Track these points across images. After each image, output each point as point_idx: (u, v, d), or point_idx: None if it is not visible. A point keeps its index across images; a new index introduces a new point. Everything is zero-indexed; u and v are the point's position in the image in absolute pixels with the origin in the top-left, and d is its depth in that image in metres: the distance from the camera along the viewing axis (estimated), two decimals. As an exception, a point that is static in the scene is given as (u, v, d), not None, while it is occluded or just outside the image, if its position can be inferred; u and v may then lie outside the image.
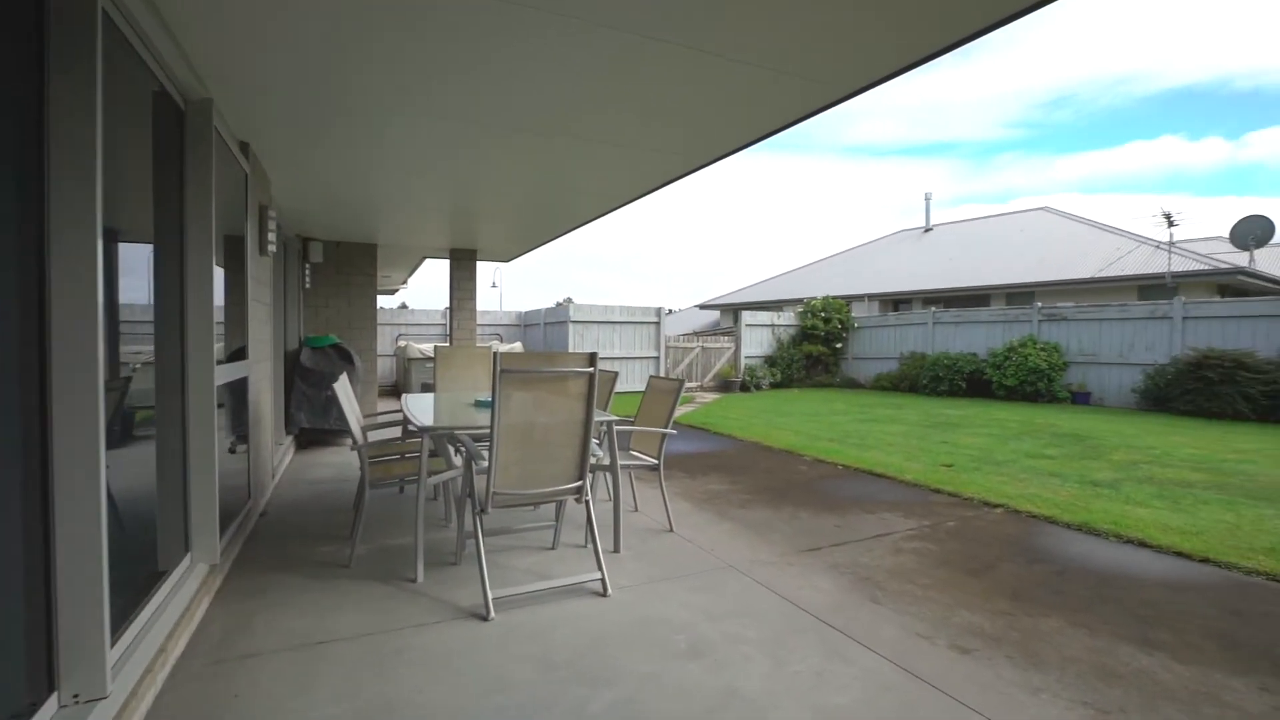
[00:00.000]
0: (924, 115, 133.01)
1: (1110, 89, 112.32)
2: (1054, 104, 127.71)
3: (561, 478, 3.21)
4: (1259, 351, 9.62)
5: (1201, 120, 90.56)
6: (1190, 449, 7.15)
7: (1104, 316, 11.76)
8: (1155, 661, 2.64)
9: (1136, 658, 2.67)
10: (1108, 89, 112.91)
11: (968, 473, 6.02)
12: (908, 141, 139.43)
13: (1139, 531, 4.27)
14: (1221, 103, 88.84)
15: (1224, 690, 2.43)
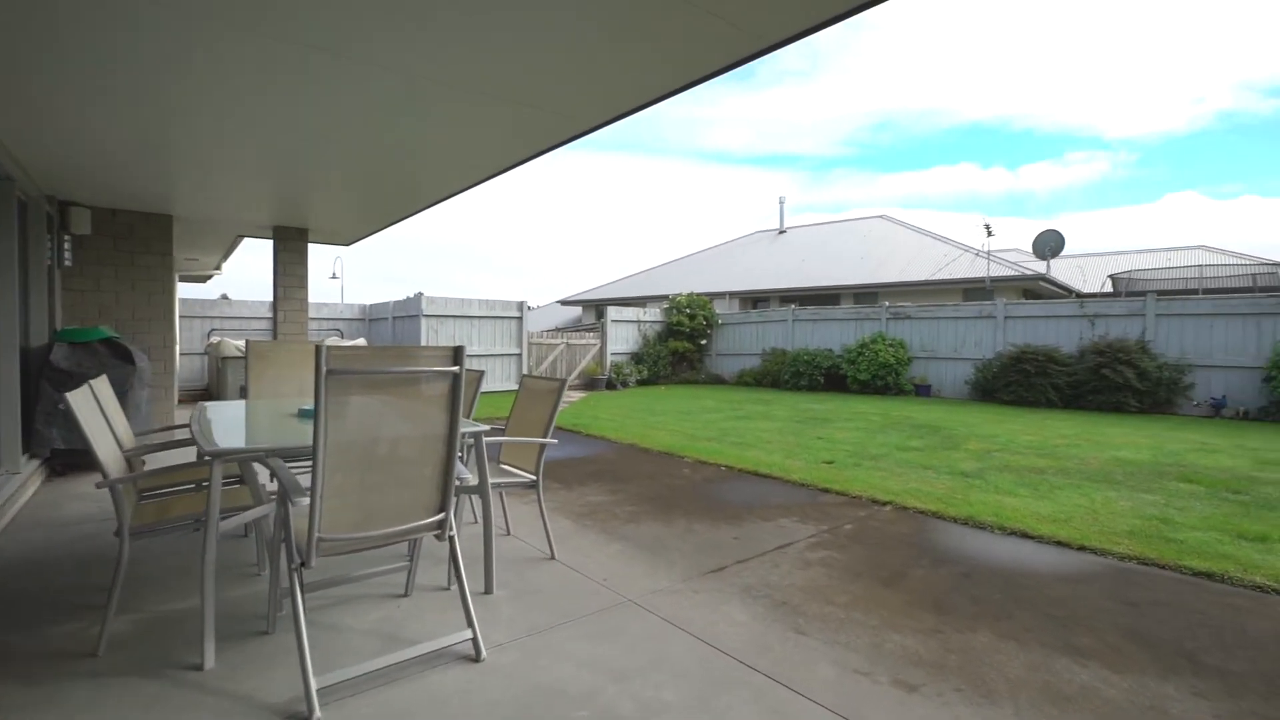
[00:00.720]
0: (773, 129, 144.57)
1: (921, 118, 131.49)
2: (878, 127, 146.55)
3: (416, 510, 2.42)
4: (1062, 347, 10.96)
5: (989, 152, 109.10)
6: (1026, 436, 7.80)
7: (940, 315, 12.87)
8: (1092, 675, 2.45)
9: (1075, 672, 2.47)
10: (920, 118, 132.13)
11: (849, 469, 5.98)
12: (759, 151, 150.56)
13: (1018, 522, 4.33)
14: (1004, 139, 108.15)
15: (1166, 701, 2.27)
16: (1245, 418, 9.47)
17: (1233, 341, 9.79)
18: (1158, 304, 10.43)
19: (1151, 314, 10.42)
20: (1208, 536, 4.02)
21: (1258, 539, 3.98)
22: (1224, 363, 9.82)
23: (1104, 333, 10.76)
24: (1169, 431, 8.20)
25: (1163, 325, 10.34)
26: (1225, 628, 2.89)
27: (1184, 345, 10.13)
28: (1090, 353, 10.46)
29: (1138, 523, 4.32)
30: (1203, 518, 4.41)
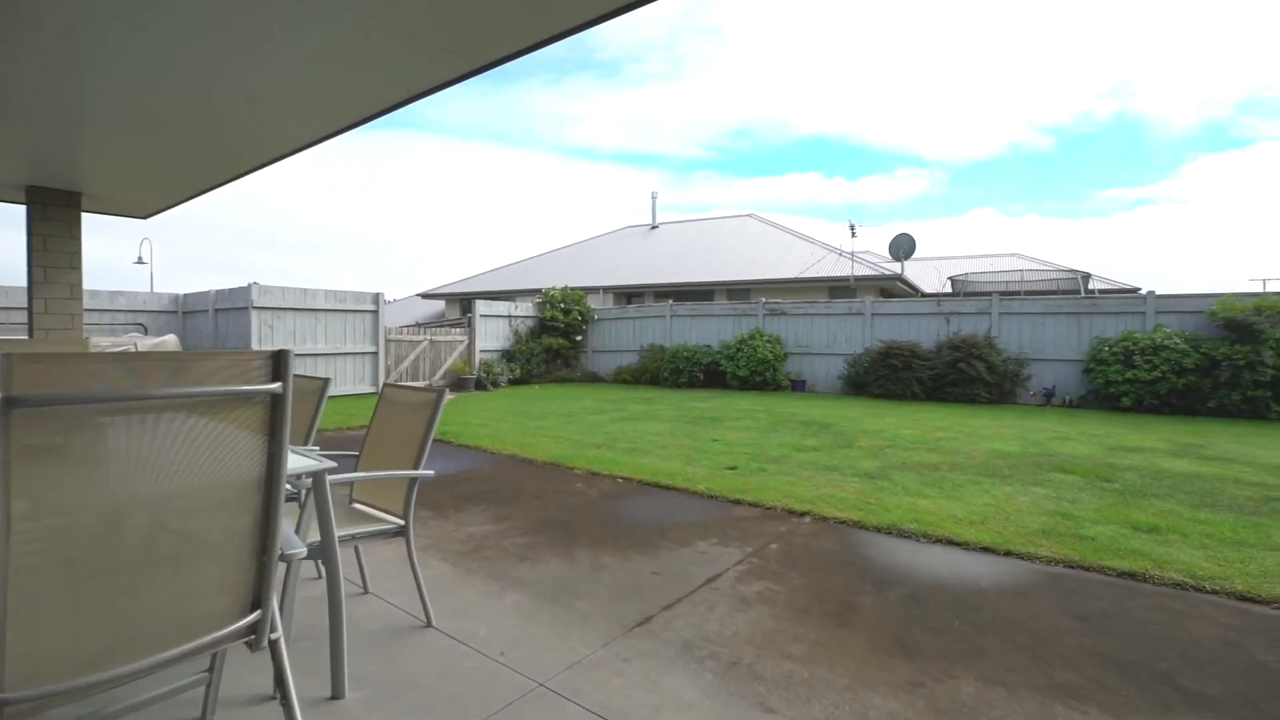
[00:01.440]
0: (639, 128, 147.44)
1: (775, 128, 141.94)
2: (737, 134, 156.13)
3: (210, 612, 1.51)
4: (922, 343, 11.65)
5: (832, 162, 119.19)
6: (907, 430, 7.99)
7: (814, 313, 13.24)
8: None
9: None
10: (774, 128, 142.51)
11: (754, 475, 5.60)
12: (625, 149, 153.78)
13: (939, 528, 4.13)
14: (844, 151, 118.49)
15: (1186, 757, 1.96)
16: (1070, 405, 10.61)
17: (1060, 338, 10.94)
18: (1000, 304, 11.42)
19: (996, 313, 11.38)
20: (1109, 531, 4.05)
21: (1151, 530, 4.07)
22: (1053, 356, 10.94)
23: (957, 330, 11.59)
24: (1021, 420, 8.85)
25: (1005, 323, 11.33)
26: (1179, 639, 2.74)
27: (1022, 341, 11.17)
28: (947, 348, 11.20)
29: (1044, 520, 4.29)
30: (1095, 510, 4.50)
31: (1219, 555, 3.65)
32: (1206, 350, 9.18)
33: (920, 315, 12.08)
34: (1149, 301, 10.21)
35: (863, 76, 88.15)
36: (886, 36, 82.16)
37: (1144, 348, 9.54)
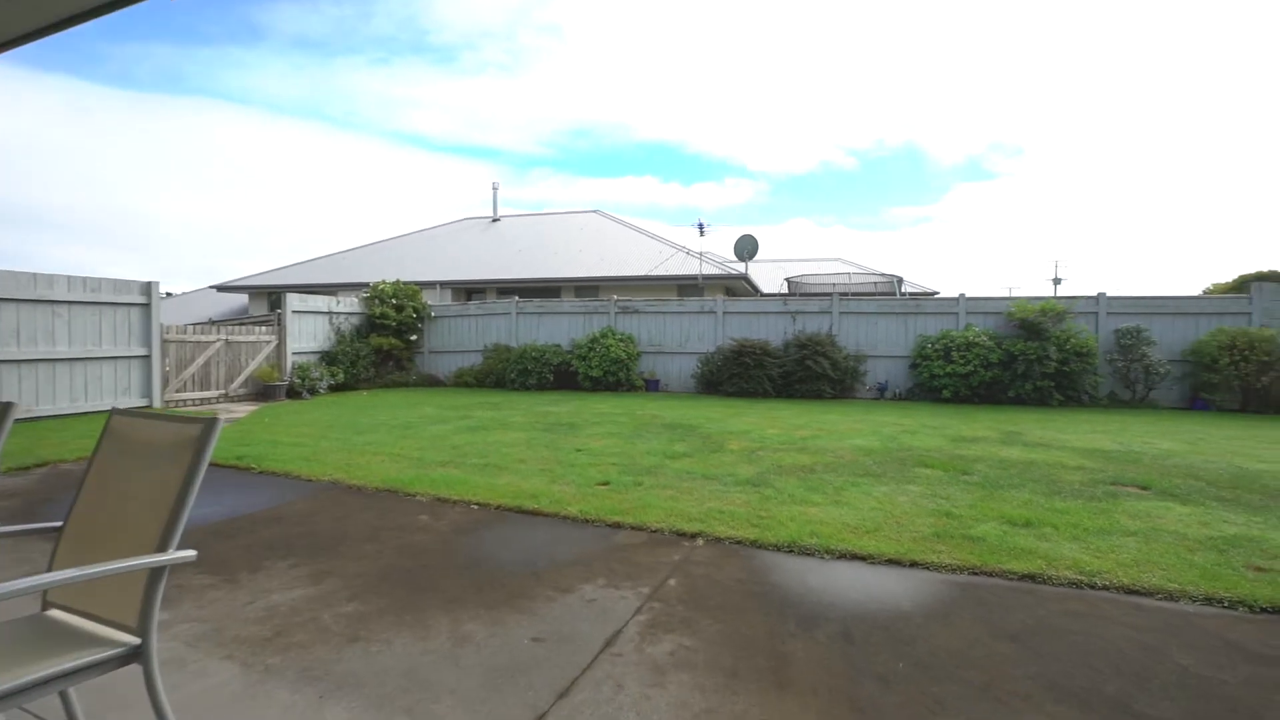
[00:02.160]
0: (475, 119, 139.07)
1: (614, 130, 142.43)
2: (577, 133, 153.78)
3: None
4: (771, 341, 11.96)
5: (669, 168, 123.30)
6: (770, 429, 7.93)
7: (667, 310, 13.07)
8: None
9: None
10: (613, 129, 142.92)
11: (629, 490, 5.00)
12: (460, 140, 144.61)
13: (838, 540, 3.83)
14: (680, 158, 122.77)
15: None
16: (899, 398, 11.50)
17: (890, 336, 11.83)
18: (840, 304, 12.09)
19: (836, 312, 12.03)
20: (992, 530, 4.03)
21: (1026, 525, 4.12)
22: (885, 353, 11.80)
23: (802, 328, 12.07)
24: (867, 415, 9.29)
25: (844, 322, 12.01)
26: (1106, 651, 2.59)
27: (859, 339, 11.91)
28: (794, 346, 11.59)
29: (931, 521, 4.19)
30: (970, 506, 4.53)
31: (1091, 546, 3.72)
32: (1007, 347, 10.39)
33: (769, 314, 12.43)
34: (961, 303, 11.39)
35: (699, 87, 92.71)
36: (721, 50, 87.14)
37: (959, 345, 10.57)
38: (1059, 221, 76.92)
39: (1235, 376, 9.67)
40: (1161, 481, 5.20)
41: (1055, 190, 77.99)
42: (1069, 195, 76.70)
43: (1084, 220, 75.13)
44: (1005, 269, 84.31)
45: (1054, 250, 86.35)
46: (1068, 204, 77.45)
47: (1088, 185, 76.11)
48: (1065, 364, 9.98)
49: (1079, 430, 7.93)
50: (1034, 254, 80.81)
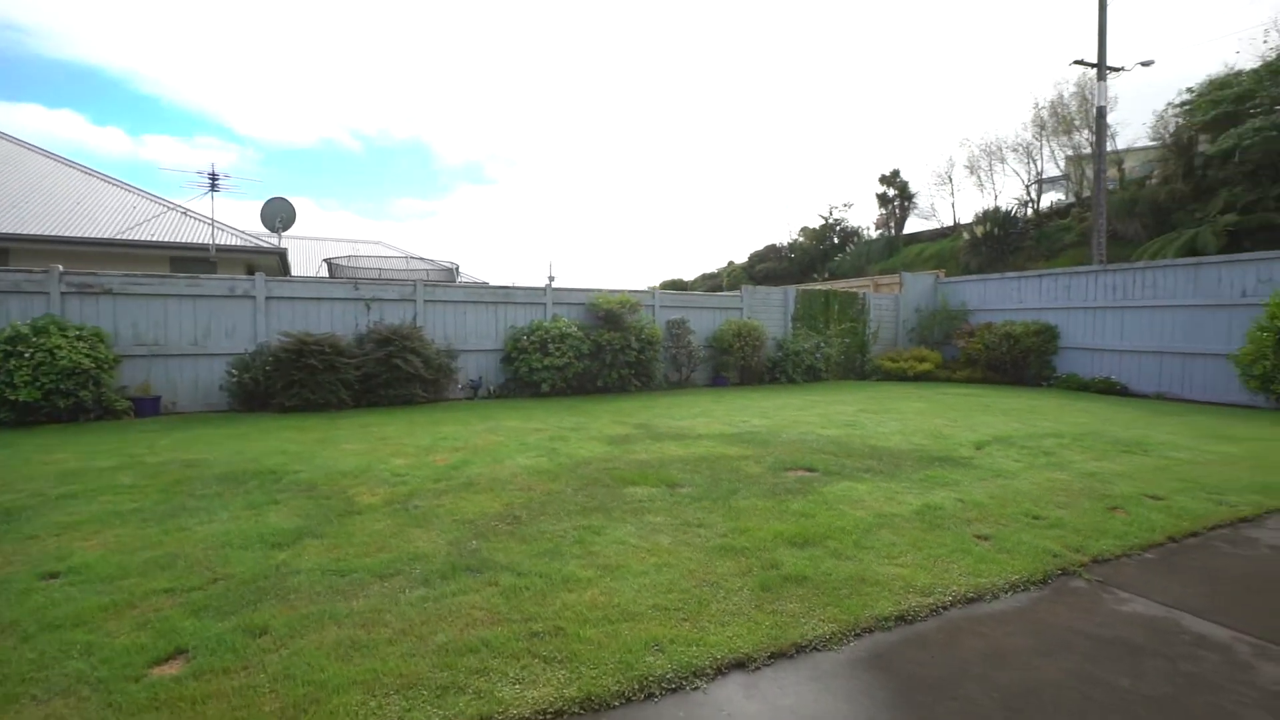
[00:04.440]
0: None
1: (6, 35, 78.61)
2: None
3: None
4: (340, 335, 9.22)
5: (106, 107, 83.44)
6: (394, 459, 5.73)
7: (169, 291, 8.56)
8: None
9: None
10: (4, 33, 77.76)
11: (228, 669, 2.46)
12: None
13: (680, 654, 2.52)
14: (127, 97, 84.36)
15: None
16: (495, 395, 10.55)
17: (481, 328, 10.69)
18: (426, 291, 10.23)
19: (421, 300, 10.12)
20: (798, 559, 3.39)
21: (803, 545, 3.66)
22: (476, 347, 10.61)
23: (380, 318, 9.72)
24: (491, 420, 7.91)
25: (431, 312, 10.22)
26: (1043, 688, 2.15)
27: (448, 331, 10.34)
28: (374, 341, 9.21)
29: (732, 575, 3.30)
30: (735, 529, 3.82)
31: (897, 559, 3.43)
32: (595, 338, 10.65)
33: (333, 301, 9.56)
34: (548, 294, 11.16)
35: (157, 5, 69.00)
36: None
37: (554, 336, 10.29)
38: (548, 226, 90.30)
39: (740, 357, 12.41)
40: (817, 461, 5.66)
41: (544, 199, 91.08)
42: (554, 204, 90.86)
43: (566, 226, 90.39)
44: (507, 266, 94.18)
45: (546, 251, 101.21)
46: (554, 212, 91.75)
47: (567, 197, 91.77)
48: (642, 352, 10.89)
49: (689, 415, 8.53)
50: (530, 253, 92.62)
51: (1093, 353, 12.25)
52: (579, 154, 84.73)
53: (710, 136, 70.36)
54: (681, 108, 72.39)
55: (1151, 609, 2.97)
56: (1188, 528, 3.99)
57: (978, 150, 36.00)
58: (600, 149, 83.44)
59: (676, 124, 73.54)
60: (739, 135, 67.53)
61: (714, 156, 70.91)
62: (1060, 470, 5.37)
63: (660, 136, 76.23)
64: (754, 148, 66.47)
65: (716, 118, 70.12)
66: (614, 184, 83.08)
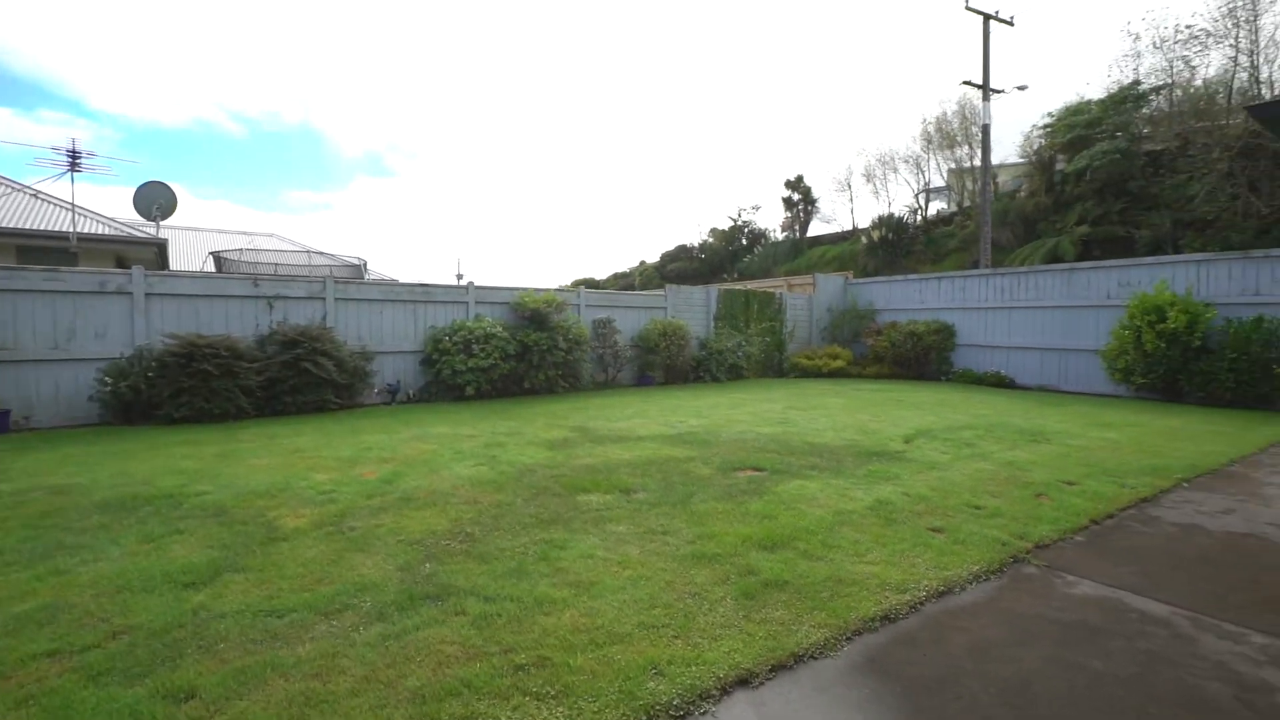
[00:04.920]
0: None
1: None
2: None
3: None
4: (238, 337, 8.29)
5: None
6: (316, 474, 5.18)
7: (18, 286, 7.29)
8: None
9: None
10: None
11: None
12: None
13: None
14: None
15: None
16: (415, 400, 9.91)
17: (399, 328, 10.00)
18: (337, 289, 9.42)
19: (332, 298, 9.30)
20: (771, 565, 3.36)
21: (771, 548, 3.64)
22: (394, 348, 9.91)
23: (283, 318, 8.85)
24: (417, 428, 7.38)
25: (343, 311, 9.42)
26: (1027, 680, 2.23)
27: (361, 332, 9.58)
28: (278, 343, 8.36)
29: (717, 587, 3.21)
30: (712, 540, 3.75)
31: (865, 557, 3.46)
32: (520, 338, 10.27)
33: (229, 299, 8.58)
34: (471, 292, 10.63)
35: None
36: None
37: (479, 337, 9.81)
38: (454, 222, 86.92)
39: (666, 356, 12.43)
40: (763, 460, 5.69)
41: (449, 194, 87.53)
42: (460, 200, 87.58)
43: (473, 222, 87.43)
44: (412, 263, 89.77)
45: (453, 248, 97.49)
46: (460, 208, 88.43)
47: (473, 193, 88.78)
48: (570, 353, 10.62)
49: (624, 416, 8.38)
50: (436, 250, 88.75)
51: (985, 349, 13.34)
52: (485, 148, 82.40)
53: (621, 136, 70.60)
54: (591, 106, 72.11)
55: (1097, 590, 3.17)
56: (1103, 510, 4.34)
57: (873, 160, 38.43)
58: (508, 144, 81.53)
59: (586, 122, 73.18)
60: (650, 136, 68.20)
61: (624, 156, 71.21)
62: (983, 460, 5.73)
63: (570, 134, 75.58)
64: (665, 149, 67.39)
65: (627, 118, 70.45)
66: (523, 180, 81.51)
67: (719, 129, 63.00)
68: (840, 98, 54.24)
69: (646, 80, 67.24)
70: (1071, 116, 21.74)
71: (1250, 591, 3.16)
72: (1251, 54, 18.33)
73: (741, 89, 60.37)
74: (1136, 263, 11.16)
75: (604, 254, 76.05)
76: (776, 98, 58.55)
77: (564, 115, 74.25)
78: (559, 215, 79.08)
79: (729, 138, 60.49)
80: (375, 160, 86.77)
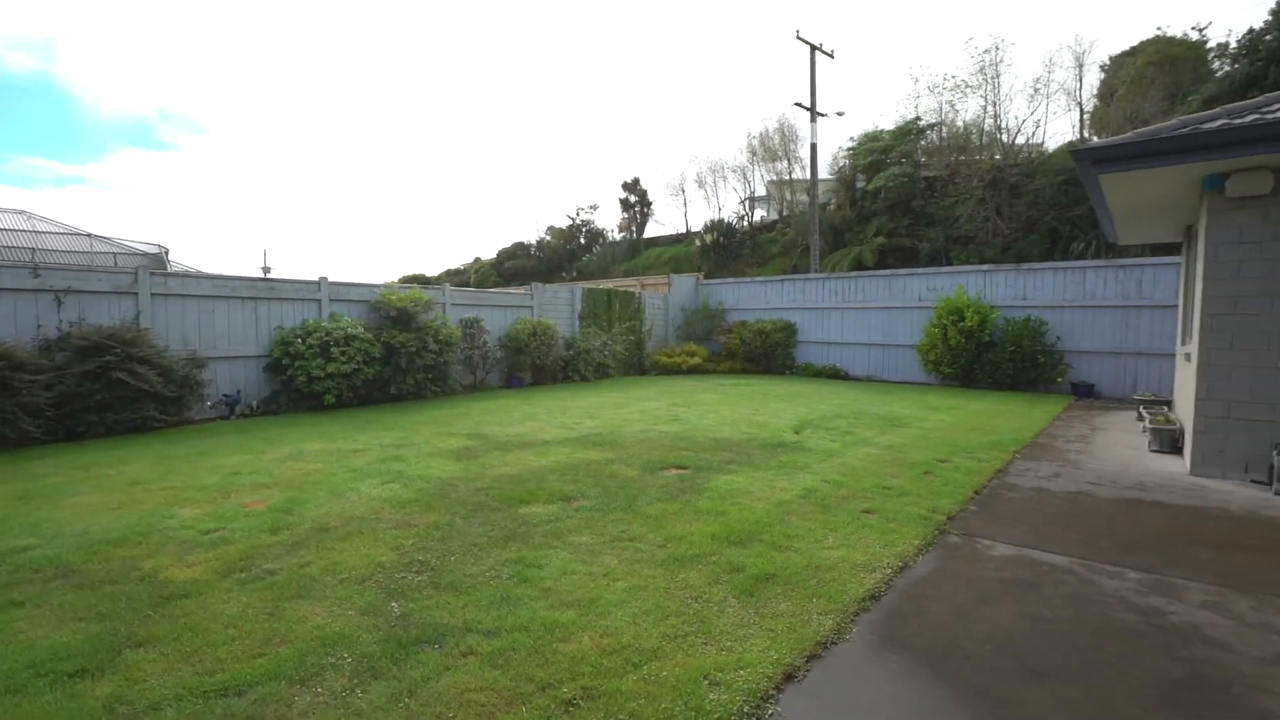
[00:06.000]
0: None
1: None
2: None
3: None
4: (11, 341, 6.46)
5: None
6: (186, 516, 4.25)
7: None
8: None
9: None
10: None
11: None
12: None
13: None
14: None
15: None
16: (259, 412, 8.53)
17: (237, 329, 8.51)
18: (155, 282, 7.73)
19: (147, 293, 7.61)
20: (746, 558, 3.45)
21: (739, 541, 3.74)
22: (230, 353, 8.42)
23: (79, 317, 7.08)
24: (288, 444, 6.33)
25: (162, 309, 7.77)
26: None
27: (187, 334, 8.00)
28: (74, 349, 6.67)
29: (729, 595, 3.21)
30: (690, 545, 3.74)
31: (824, 543, 3.67)
32: (386, 340, 9.33)
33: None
34: (324, 289, 9.38)
35: None
36: None
37: (338, 339, 8.73)
38: (258, 210, 75.86)
39: (536, 357, 12.11)
40: (681, 458, 5.79)
41: (249, 178, 76.12)
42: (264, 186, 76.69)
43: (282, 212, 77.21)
44: (210, 253, 76.70)
45: (258, 239, 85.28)
46: (264, 194, 77.41)
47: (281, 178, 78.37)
48: (440, 354, 9.88)
49: (514, 420, 7.97)
50: (235, 240, 76.63)
51: (822, 345, 14.91)
52: (294, 130, 73.43)
53: (453, 128, 67.16)
54: (418, 94, 67.64)
55: (1010, 550, 3.73)
56: (978, 483, 5.11)
57: (705, 168, 40.97)
58: (323, 129, 73.45)
59: (414, 111, 68.49)
60: (485, 130, 65.75)
61: (459, 150, 67.86)
62: (867, 446, 6.43)
63: (395, 123, 70.19)
64: (502, 145, 65.39)
65: (459, 109, 67.19)
66: (342, 170, 73.93)
67: (558, 128, 62.74)
68: (676, 106, 56.92)
69: (480, 75, 64.70)
70: (870, 142, 25.07)
71: (1108, 538, 3.94)
72: (995, 104, 22.61)
73: (581, 89, 60.71)
74: (939, 271, 13.24)
75: (435, 250, 71.79)
76: (615, 101, 59.78)
77: (389, 103, 68.75)
78: (383, 209, 73.11)
79: (568, 137, 60.52)
80: (143, 129, 73.07)
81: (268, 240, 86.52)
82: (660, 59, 59.44)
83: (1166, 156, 4.94)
